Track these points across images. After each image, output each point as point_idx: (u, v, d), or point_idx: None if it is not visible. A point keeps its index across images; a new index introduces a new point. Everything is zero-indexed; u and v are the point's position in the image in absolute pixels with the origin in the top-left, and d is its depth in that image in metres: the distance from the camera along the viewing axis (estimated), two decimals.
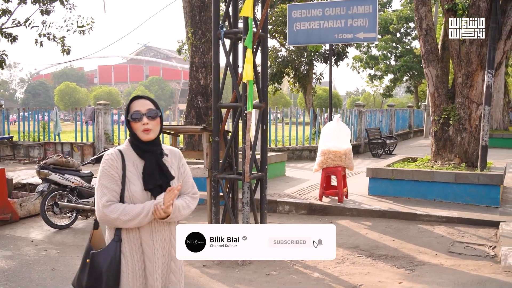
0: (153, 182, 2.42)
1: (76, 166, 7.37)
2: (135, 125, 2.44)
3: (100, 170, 2.42)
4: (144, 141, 2.46)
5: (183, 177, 2.61)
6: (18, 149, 15.70)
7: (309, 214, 7.73)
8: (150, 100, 2.51)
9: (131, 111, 2.45)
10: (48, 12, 21.36)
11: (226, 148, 5.93)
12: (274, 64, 22.68)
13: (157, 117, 2.47)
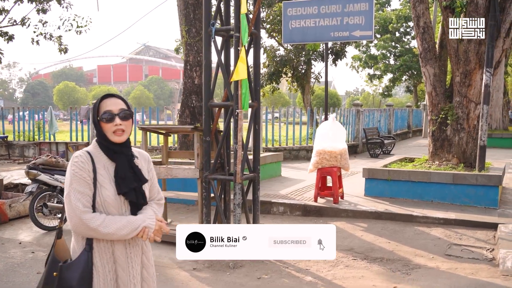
0: (127, 186, 2.27)
1: (66, 166, 7.21)
2: (106, 126, 2.28)
3: (69, 174, 2.23)
4: (115, 142, 2.30)
5: (151, 182, 2.49)
6: (13, 149, 15.56)
7: (304, 216, 7.58)
8: (121, 99, 2.37)
9: (101, 111, 2.28)
10: (45, 11, 21.26)
11: (218, 148, 5.80)
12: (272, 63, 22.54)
13: (130, 117, 2.33)
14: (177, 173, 6.02)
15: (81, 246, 2.24)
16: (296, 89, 24.85)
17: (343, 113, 17.42)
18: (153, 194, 2.48)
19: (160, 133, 6.54)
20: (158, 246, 6.10)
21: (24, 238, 6.63)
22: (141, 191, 2.32)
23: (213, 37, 5.64)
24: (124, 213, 2.29)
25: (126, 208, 2.30)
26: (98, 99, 2.34)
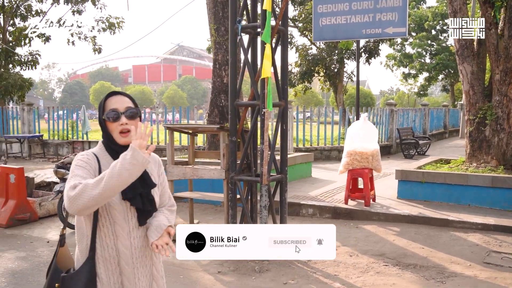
0: (133, 191, 2.05)
1: None
2: (111, 126, 2.11)
3: (72, 166, 2.07)
4: (121, 144, 2.12)
5: (162, 186, 2.31)
6: (48, 148, 15.86)
7: (334, 218, 7.36)
8: (128, 97, 2.19)
9: (106, 109, 2.11)
10: (80, 12, 21.71)
11: (244, 148, 5.66)
12: (304, 62, 22.30)
13: (137, 116, 2.14)
14: (203, 173, 5.91)
15: (85, 255, 2.09)
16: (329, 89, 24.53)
17: (376, 112, 17.02)
18: (164, 200, 2.33)
19: (186, 132, 6.44)
20: None
21: (52, 237, 6.65)
22: (148, 197, 2.14)
23: (239, 35, 5.50)
24: (130, 220, 2.12)
25: (132, 214, 2.12)
26: (103, 97, 2.17)
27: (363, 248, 5.96)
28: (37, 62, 20.31)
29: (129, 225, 2.11)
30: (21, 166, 7.44)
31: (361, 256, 5.68)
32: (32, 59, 20.29)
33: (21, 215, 7.17)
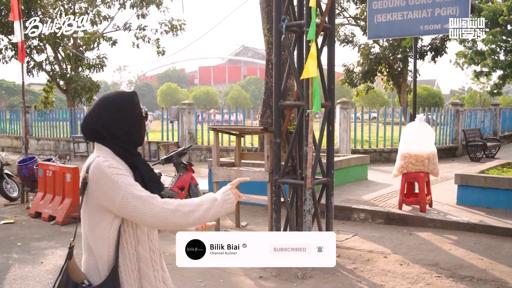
0: (158, 191, 2.01)
1: None
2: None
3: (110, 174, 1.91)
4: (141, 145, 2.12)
5: None
6: None
7: (387, 224, 7.02)
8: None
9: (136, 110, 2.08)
10: (144, 16, 22.36)
11: (288, 150, 5.51)
12: (366, 61, 21.69)
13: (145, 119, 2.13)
14: (247, 175, 5.81)
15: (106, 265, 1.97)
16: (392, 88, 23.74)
17: (441, 113, 16.24)
18: None
19: (232, 134, 6.38)
20: None
21: None
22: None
23: (284, 33, 5.34)
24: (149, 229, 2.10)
25: None
26: (132, 95, 2.12)
27: (415, 257, 5.62)
28: (104, 65, 21.12)
29: (147, 228, 2.06)
30: (76, 166, 7.69)
31: (412, 266, 5.36)
32: (99, 62, 21.12)
33: (76, 213, 7.40)
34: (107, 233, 1.97)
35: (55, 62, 21.35)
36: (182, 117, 14.51)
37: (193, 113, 14.71)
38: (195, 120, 14.80)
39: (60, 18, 21.58)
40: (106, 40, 22.27)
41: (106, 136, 2.01)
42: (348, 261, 5.55)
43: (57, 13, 21.42)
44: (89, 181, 1.94)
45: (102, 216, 1.96)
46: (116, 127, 1.99)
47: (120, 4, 22.04)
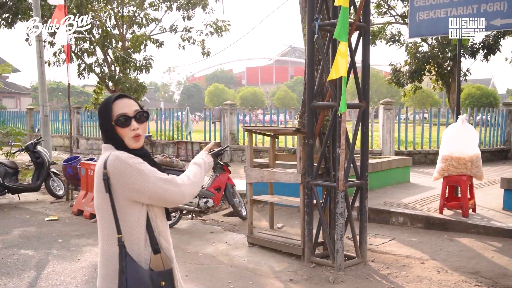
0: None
1: (180, 166, 7.40)
2: (122, 131, 2.04)
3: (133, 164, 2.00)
4: (133, 148, 2.07)
5: None
6: (155, 147, 16.76)
7: (426, 228, 6.78)
8: (133, 99, 2.14)
9: (115, 114, 2.03)
10: (190, 18, 22.68)
11: (321, 152, 5.41)
12: (414, 60, 21.09)
13: (146, 119, 2.11)
14: (280, 177, 5.75)
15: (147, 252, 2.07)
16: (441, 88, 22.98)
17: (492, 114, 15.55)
18: None
19: (266, 134, 6.34)
20: (260, 252, 5.91)
21: None
22: None
23: (317, 33, 5.25)
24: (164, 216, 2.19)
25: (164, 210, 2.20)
26: (108, 102, 2.07)
27: (454, 264, 5.39)
28: (150, 66, 21.57)
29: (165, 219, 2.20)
30: None
31: (450, 273, 5.14)
32: (146, 64, 21.60)
33: None
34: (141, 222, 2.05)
35: (104, 64, 22.01)
36: (224, 118, 14.60)
37: (235, 114, 14.76)
38: (237, 120, 14.85)
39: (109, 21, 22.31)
40: (153, 42, 22.75)
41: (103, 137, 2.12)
42: (382, 266, 5.39)
43: (106, 17, 22.09)
44: (111, 175, 1.99)
45: (132, 208, 2.03)
46: (102, 129, 2.10)
47: (167, 7, 22.45)
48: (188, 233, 6.91)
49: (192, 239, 6.62)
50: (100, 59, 22.09)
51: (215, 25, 22.16)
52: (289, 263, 5.56)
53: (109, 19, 22.09)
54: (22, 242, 6.53)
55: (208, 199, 7.35)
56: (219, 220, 7.72)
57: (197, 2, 21.88)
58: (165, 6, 22.41)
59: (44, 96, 11.05)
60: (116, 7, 21.86)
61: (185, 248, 6.17)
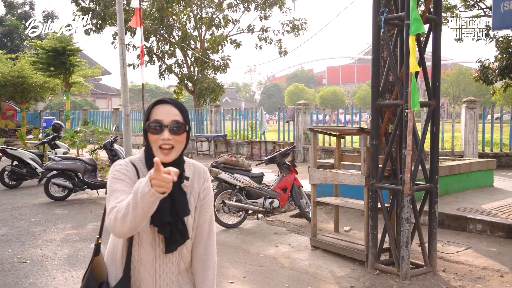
0: (159, 218, 1.84)
1: (245, 166, 7.37)
2: (152, 138, 1.87)
3: (109, 178, 1.92)
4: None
5: (202, 206, 2.03)
6: (230, 146, 16.97)
7: (508, 238, 6.20)
8: (178, 107, 1.91)
9: (150, 119, 1.88)
10: (267, 18, 22.77)
11: (386, 153, 5.12)
12: (504, 55, 19.64)
13: (182, 132, 1.88)
14: (343, 178, 5.52)
15: (119, 271, 1.97)
16: None
17: None
18: (202, 222, 2.04)
19: (331, 134, 6.12)
20: (323, 256, 5.72)
21: None
22: (178, 225, 1.89)
23: (383, 27, 4.97)
24: (157, 246, 1.92)
25: (160, 241, 1.92)
26: (151, 104, 1.93)
27: None
28: (227, 66, 21.91)
29: (155, 251, 1.93)
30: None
31: None
32: (223, 64, 21.97)
33: None
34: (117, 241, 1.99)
35: (184, 65, 22.68)
36: (297, 117, 14.44)
37: (309, 113, 14.55)
38: (311, 120, 14.63)
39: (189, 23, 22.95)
40: (231, 43, 23.10)
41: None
42: (454, 277, 5.00)
43: (186, 19, 22.74)
44: None
45: None
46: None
47: (245, 8, 22.71)
48: (251, 234, 6.85)
49: (255, 239, 6.55)
50: (180, 60, 22.82)
51: (292, 24, 22.09)
52: (352, 268, 5.32)
53: (188, 21, 22.72)
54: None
55: (274, 200, 7.26)
56: (285, 221, 7.59)
57: (274, 2, 21.92)
58: (243, 6, 22.68)
59: (126, 96, 11.50)
60: (195, 10, 22.42)
61: (247, 249, 6.11)
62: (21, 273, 5.19)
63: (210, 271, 2.05)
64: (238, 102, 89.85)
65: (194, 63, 22.24)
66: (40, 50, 21.53)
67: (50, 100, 45.35)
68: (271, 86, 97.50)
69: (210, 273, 2.05)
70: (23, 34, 40.37)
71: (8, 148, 10.95)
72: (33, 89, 24.87)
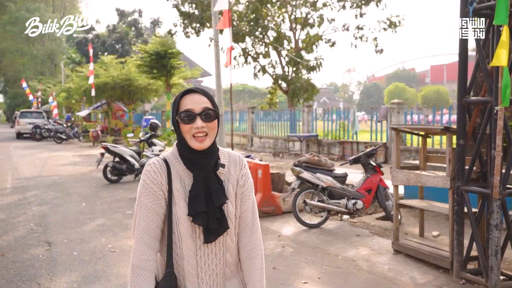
0: (195, 208, 1.84)
1: (328, 166, 7.24)
2: (184, 128, 1.87)
3: (140, 184, 1.92)
4: (195, 149, 1.88)
5: (242, 193, 2.00)
6: (322, 146, 16.80)
7: None
8: (206, 95, 1.91)
9: (180, 109, 1.88)
10: (362, 15, 22.26)
11: (473, 153, 4.75)
12: None
13: (214, 118, 1.89)
14: (427, 180, 5.22)
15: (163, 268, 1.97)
16: None
17: None
18: (244, 210, 2.01)
19: (416, 134, 5.81)
20: (405, 261, 5.46)
21: (285, 232, 6.96)
22: (216, 214, 1.87)
23: (471, 18, 4.63)
24: (197, 238, 1.89)
25: (200, 232, 1.90)
26: (178, 94, 1.93)
27: None
28: (321, 65, 21.74)
29: (195, 243, 1.90)
30: (267, 163, 8.05)
31: None
32: (317, 64, 21.84)
33: (265, 208, 7.76)
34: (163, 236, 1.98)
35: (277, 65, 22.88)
36: (390, 117, 13.92)
37: (403, 113, 13.96)
38: (405, 120, 14.02)
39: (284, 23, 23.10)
40: (326, 42, 22.89)
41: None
42: None
43: (282, 20, 22.92)
44: None
45: None
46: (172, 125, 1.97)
47: (340, 6, 22.37)
48: (332, 234, 6.72)
49: (336, 240, 6.42)
50: (274, 60, 23.05)
51: (389, 21, 21.38)
52: (435, 276, 5.01)
53: (283, 22, 22.88)
54: None
55: (357, 201, 7.06)
56: (370, 223, 7.36)
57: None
58: (338, 5, 22.37)
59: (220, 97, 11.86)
60: (290, 10, 22.52)
61: (326, 250, 6.01)
62: (110, 261, 5.55)
63: (257, 260, 1.99)
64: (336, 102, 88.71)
65: (288, 63, 22.34)
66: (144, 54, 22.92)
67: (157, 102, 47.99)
68: (370, 86, 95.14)
69: (258, 261, 1.98)
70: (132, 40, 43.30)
71: (111, 146, 11.76)
72: (138, 91, 26.49)
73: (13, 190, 10.49)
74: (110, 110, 29.67)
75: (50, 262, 5.49)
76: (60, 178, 12.39)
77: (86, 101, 30.30)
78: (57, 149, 22.15)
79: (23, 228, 7.10)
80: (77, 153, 20.12)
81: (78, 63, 39.72)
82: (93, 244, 6.23)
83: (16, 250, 5.98)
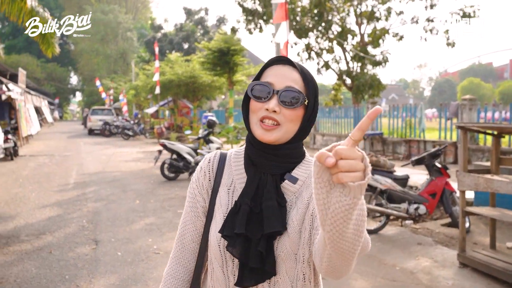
0: (232, 227, 1.29)
1: (388, 166, 6.69)
2: (254, 106, 1.32)
3: (189, 185, 1.51)
4: (259, 141, 1.32)
5: (315, 228, 1.26)
6: (387, 145, 16.01)
7: None
8: (301, 72, 1.32)
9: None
10: (432, 6, 21.05)
11: None
12: None
13: (298, 104, 1.28)
14: (498, 186, 4.59)
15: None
16: None
17: None
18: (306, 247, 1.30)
19: (487, 133, 5.17)
20: (472, 276, 4.87)
21: None
22: (259, 246, 1.26)
23: None
24: (228, 275, 1.34)
25: (233, 267, 1.34)
26: (267, 61, 1.37)
27: None
28: (387, 60, 20.85)
29: (227, 280, 1.35)
30: None
31: None
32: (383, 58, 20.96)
33: None
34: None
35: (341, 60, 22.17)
36: (461, 114, 12.95)
37: (475, 110, 12.93)
38: (477, 117, 12.99)
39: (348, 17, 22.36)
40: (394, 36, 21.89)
41: None
42: None
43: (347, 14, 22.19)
44: None
45: None
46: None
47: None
48: (391, 242, 6.19)
49: (394, 249, 5.88)
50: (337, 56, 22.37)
51: (462, 12, 20.05)
52: None
53: (348, 16, 22.14)
54: None
55: (419, 205, 6.47)
56: (434, 230, 6.73)
57: None
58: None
59: None
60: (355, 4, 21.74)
61: (382, 259, 5.50)
62: (152, 264, 5.37)
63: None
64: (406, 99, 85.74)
65: (353, 59, 21.61)
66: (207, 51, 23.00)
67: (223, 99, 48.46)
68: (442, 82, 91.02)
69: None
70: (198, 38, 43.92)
71: (168, 143, 11.75)
72: (202, 88, 26.68)
73: (75, 185, 10.71)
74: (176, 107, 30.14)
75: (93, 262, 5.38)
76: (121, 174, 12.57)
77: (152, 99, 31.00)
78: (123, 145, 22.74)
79: (75, 225, 7.12)
80: (142, 149, 20.54)
81: (147, 62, 40.85)
82: (139, 244, 6.09)
83: (63, 248, 5.95)
